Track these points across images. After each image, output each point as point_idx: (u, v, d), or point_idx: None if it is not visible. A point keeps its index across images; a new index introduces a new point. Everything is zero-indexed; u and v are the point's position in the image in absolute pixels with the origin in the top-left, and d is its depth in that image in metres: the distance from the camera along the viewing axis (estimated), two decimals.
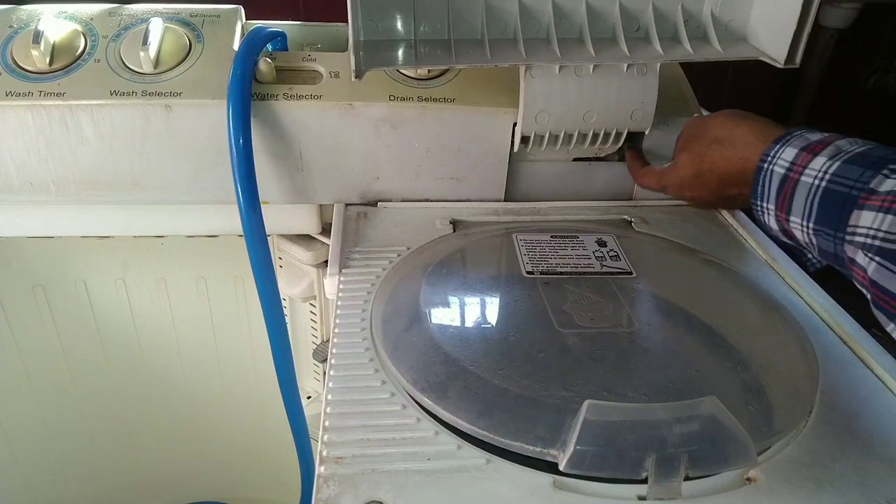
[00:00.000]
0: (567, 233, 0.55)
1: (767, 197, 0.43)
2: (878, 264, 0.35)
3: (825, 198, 0.39)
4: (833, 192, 0.38)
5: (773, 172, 0.42)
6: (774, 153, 0.42)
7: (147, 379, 0.86)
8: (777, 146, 0.43)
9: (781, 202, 0.42)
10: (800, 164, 0.40)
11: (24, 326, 0.79)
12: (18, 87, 0.54)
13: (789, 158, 0.41)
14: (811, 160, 0.40)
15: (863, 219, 0.36)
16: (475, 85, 0.58)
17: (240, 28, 0.60)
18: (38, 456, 0.88)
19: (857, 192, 0.37)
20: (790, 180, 0.41)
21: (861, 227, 0.36)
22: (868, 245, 0.35)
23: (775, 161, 0.42)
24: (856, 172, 0.37)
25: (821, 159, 0.39)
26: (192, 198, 0.59)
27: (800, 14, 0.51)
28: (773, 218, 0.43)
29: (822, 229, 0.39)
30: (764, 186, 0.43)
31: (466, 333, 0.44)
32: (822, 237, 0.39)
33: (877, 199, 0.36)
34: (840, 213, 0.37)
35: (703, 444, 0.34)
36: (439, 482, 0.34)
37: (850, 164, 0.38)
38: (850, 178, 0.37)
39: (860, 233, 0.36)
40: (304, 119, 0.56)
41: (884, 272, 0.35)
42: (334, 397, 0.39)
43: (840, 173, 0.38)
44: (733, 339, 0.45)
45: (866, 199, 0.36)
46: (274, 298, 0.57)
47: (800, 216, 0.40)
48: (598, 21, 0.55)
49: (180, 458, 0.94)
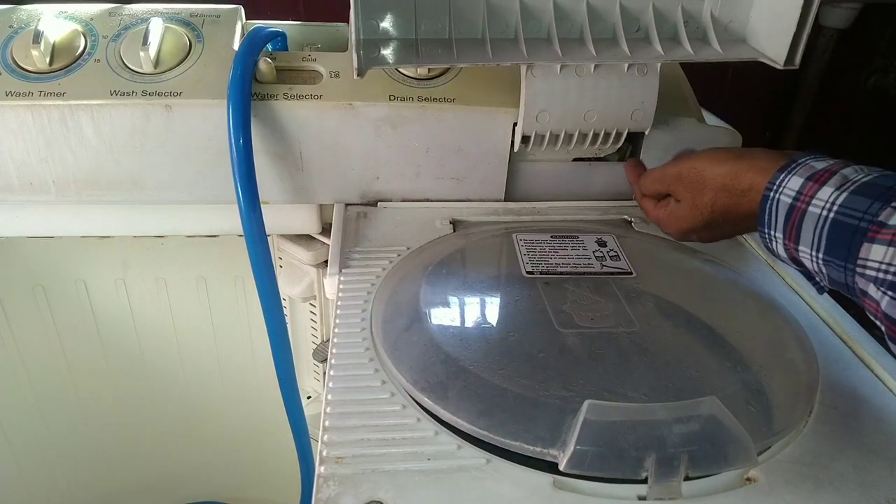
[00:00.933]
0: (567, 233, 0.56)
1: (775, 226, 0.42)
2: (892, 298, 0.35)
3: (834, 229, 0.38)
4: (842, 224, 0.38)
5: (780, 202, 0.42)
6: (780, 182, 0.42)
7: (147, 379, 0.86)
8: (783, 175, 0.42)
9: (789, 232, 0.41)
10: (807, 194, 0.40)
11: (24, 326, 0.79)
12: (18, 87, 0.54)
13: (795, 188, 0.41)
14: (818, 190, 0.40)
15: (873, 252, 0.36)
16: (475, 85, 0.58)
17: (240, 28, 0.60)
18: (38, 455, 0.88)
19: (866, 224, 0.37)
20: (797, 210, 0.40)
21: (872, 261, 0.36)
22: (880, 280, 0.36)
23: (781, 190, 0.42)
24: (864, 204, 0.37)
25: (828, 189, 0.39)
26: (192, 198, 0.59)
27: (799, 15, 0.51)
28: (782, 246, 0.43)
29: (833, 260, 0.39)
30: (771, 215, 0.43)
31: (466, 333, 0.44)
32: (833, 267, 0.39)
33: (887, 232, 0.36)
34: (850, 246, 0.37)
35: (703, 444, 0.34)
36: (439, 482, 0.34)
37: (858, 196, 0.38)
38: (859, 209, 0.37)
39: (871, 266, 0.36)
40: (304, 119, 0.56)
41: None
42: (334, 397, 0.39)
43: (848, 204, 0.38)
44: (733, 339, 0.45)
45: (876, 232, 0.36)
46: (274, 298, 0.57)
47: (809, 246, 0.40)
48: (599, 21, 0.55)
49: (180, 458, 0.94)
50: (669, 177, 0.52)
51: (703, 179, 0.49)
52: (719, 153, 0.49)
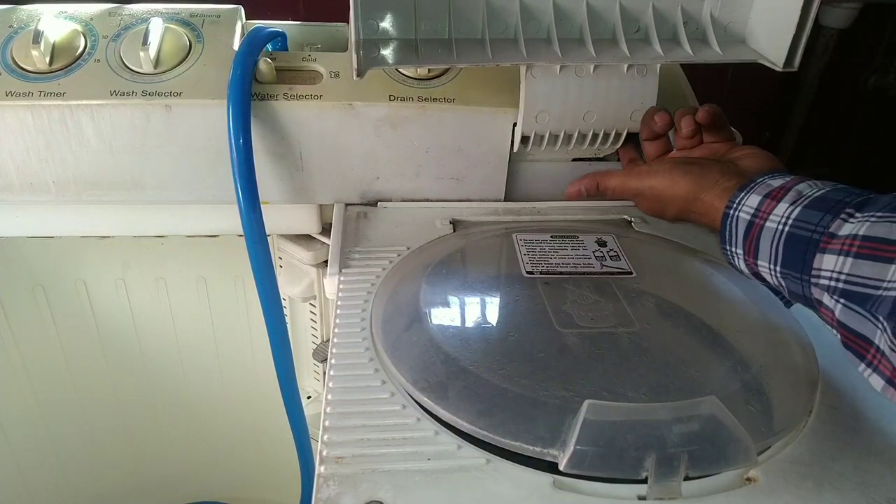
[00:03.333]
0: (567, 233, 0.56)
1: (735, 242, 0.44)
2: (844, 306, 0.36)
3: (789, 242, 0.40)
4: (796, 237, 0.40)
5: (739, 219, 0.44)
6: (739, 200, 0.44)
7: (147, 379, 0.86)
8: (742, 193, 0.44)
9: (748, 247, 0.43)
10: (764, 211, 0.42)
11: (24, 326, 0.79)
12: (18, 87, 0.54)
13: (753, 205, 0.43)
14: (775, 206, 0.41)
15: (825, 262, 0.37)
16: (475, 85, 0.58)
17: (240, 28, 0.60)
18: (38, 455, 0.88)
19: (818, 235, 0.38)
20: (755, 226, 0.42)
21: (825, 271, 0.37)
22: (833, 287, 0.37)
23: (740, 208, 0.44)
24: (816, 217, 0.39)
25: (783, 205, 0.41)
26: (192, 198, 0.59)
27: (799, 17, 0.51)
28: (743, 262, 0.45)
29: (789, 273, 0.40)
30: (731, 232, 0.45)
31: (466, 333, 0.44)
32: (790, 280, 0.41)
33: (837, 242, 0.37)
34: (804, 257, 0.39)
35: (703, 444, 0.34)
36: (439, 482, 0.34)
37: (810, 209, 0.40)
38: (812, 222, 0.39)
39: (824, 276, 0.37)
40: (304, 119, 0.56)
41: (849, 313, 0.36)
42: (334, 397, 0.39)
43: (801, 218, 0.40)
44: (733, 339, 0.45)
45: (827, 242, 0.38)
46: (274, 298, 0.57)
47: (767, 260, 0.42)
48: (599, 22, 0.55)
49: (180, 458, 0.94)
50: (630, 192, 0.56)
51: (663, 200, 0.53)
52: (675, 173, 0.51)
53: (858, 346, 0.36)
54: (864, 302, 0.35)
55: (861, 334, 0.36)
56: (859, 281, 0.35)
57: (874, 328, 0.35)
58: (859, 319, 0.36)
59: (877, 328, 0.34)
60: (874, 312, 0.34)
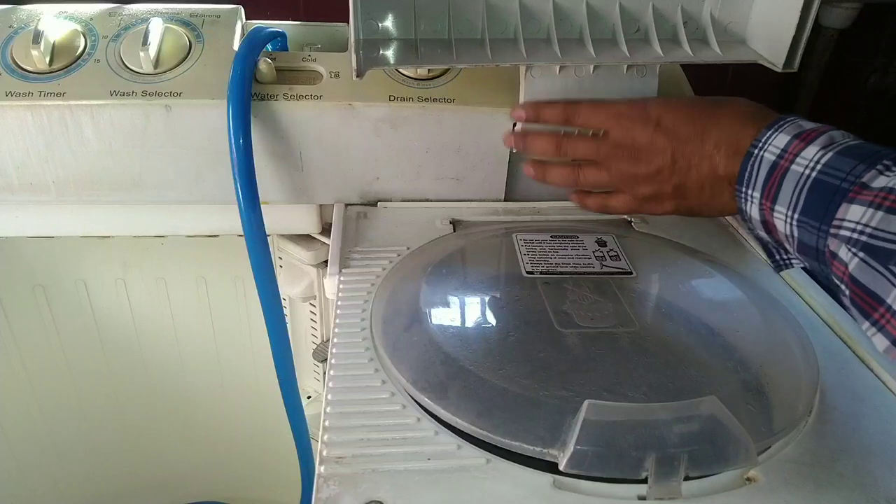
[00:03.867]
0: (567, 233, 0.56)
1: (754, 184, 0.41)
2: (861, 260, 0.34)
3: (814, 188, 0.37)
4: (823, 184, 0.37)
5: (763, 159, 0.40)
6: (766, 139, 0.41)
7: (147, 379, 0.86)
8: (769, 132, 0.41)
9: (768, 190, 0.40)
10: (791, 152, 0.39)
11: (24, 326, 0.79)
12: (18, 87, 0.54)
13: (781, 145, 0.40)
14: (803, 148, 0.38)
15: (851, 213, 0.35)
16: (475, 85, 0.58)
17: (240, 28, 0.60)
18: (38, 455, 0.88)
19: (848, 184, 0.36)
20: (780, 168, 0.39)
21: (848, 221, 0.35)
22: (854, 240, 0.34)
23: (766, 147, 0.41)
24: (849, 165, 0.36)
25: (813, 148, 0.38)
26: (192, 198, 0.59)
27: (798, 18, 0.51)
28: (757, 206, 0.41)
29: (807, 221, 0.38)
30: (752, 173, 0.41)
31: (466, 333, 0.44)
32: (805, 229, 0.38)
33: (869, 194, 0.35)
34: (828, 206, 0.36)
35: (703, 444, 0.34)
36: (439, 482, 0.34)
37: (843, 157, 0.37)
38: (843, 169, 0.36)
39: (847, 227, 0.35)
40: (304, 119, 0.56)
41: (866, 269, 0.34)
42: (334, 397, 0.39)
43: (833, 164, 0.37)
44: (733, 339, 0.45)
45: (858, 192, 0.35)
46: (274, 298, 0.57)
47: (785, 206, 0.39)
48: (599, 22, 0.55)
49: (180, 458, 0.94)
50: None
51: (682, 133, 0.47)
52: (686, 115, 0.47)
53: (867, 303, 0.34)
54: (888, 258, 0.33)
55: (873, 292, 0.34)
56: (886, 236, 0.33)
57: (891, 287, 0.33)
58: (875, 276, 0.33)
59: (894, 286, 0.32)
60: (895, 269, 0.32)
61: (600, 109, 0.51)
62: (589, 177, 0.53)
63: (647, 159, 0.48)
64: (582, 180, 0.54)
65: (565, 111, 0.52)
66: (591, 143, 0.51)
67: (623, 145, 0.49)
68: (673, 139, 0.46)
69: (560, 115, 0.53)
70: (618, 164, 0.50)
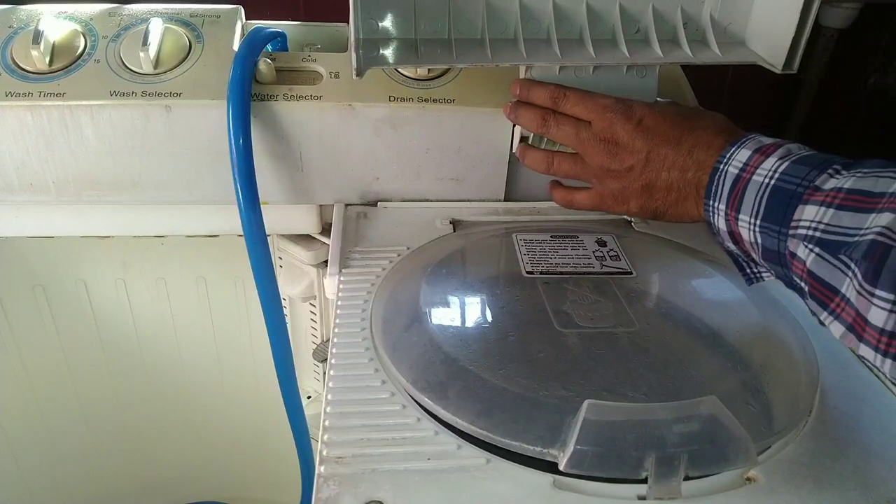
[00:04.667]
0: (567, 233, 0.56)
1: (720, 197, 0.44)
2: (817, 255, 0.37)
3: (773, 195, 0.40)
4: (781, 190, 0.40)
5: (728, 173, 0.44)
6: (730, 155, 0.44)
7: (147, 379, 0.86)
8: (733, 148, 0.44)
9: (732, 201, 0.43)
10: (752, 165, 0.42)
11: (24, 326, 0.79)
12: (18, 87, 0.54)
13: (743, 159, 0.43)
14: (763, 161, 0.42)
15: (806, 213, 0.38)
16: (475, 85, 0.58)
17: (240, 28, 0.60)
18: (38, 455, 0.88)
19: (803, 189, 0.39)
20: (742, 180, 0.42)
21: (804, 221, 0.38)
22: (809, 237, 0.37)
23: (730, 161, 0.44)
24: (803, 171, 0.39)
25: (772, 160, 0.41)
26: (192, 198, 0.59)
27: (798, 19, 0.51)
28: (723, 218, 0.44)
29: (769, 226, 0.40)
30: (718, 186, 0.44)
31: (466, 333, 0.44)
32: (767, 234, 0.41)
33: (821, 194, 0.38)
34: (786, 210, 0.39)
35: (703, 444, 0.34)
36: (439, 482, 0.34)
37: (798, 164, 0.40)
38: (798, 176, 0.39)
39: (803, 226, 0.38)
40: (304, 120, 0.56)
41: (821, 263, 0.36)
42: (334, 397, 0.39)
43: (789, 172, 0.40)
44: (733, 339, 0.45)
45: (811, 194, 0.38)
46: (274, 298, 0.57)
47: (748, 214, 0.42)
48: (599, 22, 0.55)
49: (180, 458, 0.94)
50: None
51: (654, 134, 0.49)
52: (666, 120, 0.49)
53: (824, 295, 0.37)
54: (839, 249, 0.36)
55: (829, 283, 0.36)
56: (837, 230, 0.36)
57: (843, 276, 0.35)
58: (830, 269, 0.36)
59: (846, 276, 0.35)
60: (847, 256, 0.35)
61: (588, 100, 0.52)
62: (562, 165, 0.55)
63: (622, 155, 0.50)
64: (555, 167, 0.55)
65: (554, 94, 0.54)
66: (572, 126, 0.53)
67: (602, 138, 0.51)
68: (651, 140, 0.49)
69: (549, 96, 0.54)
70: (593, 155, 0.52)
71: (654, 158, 0.48)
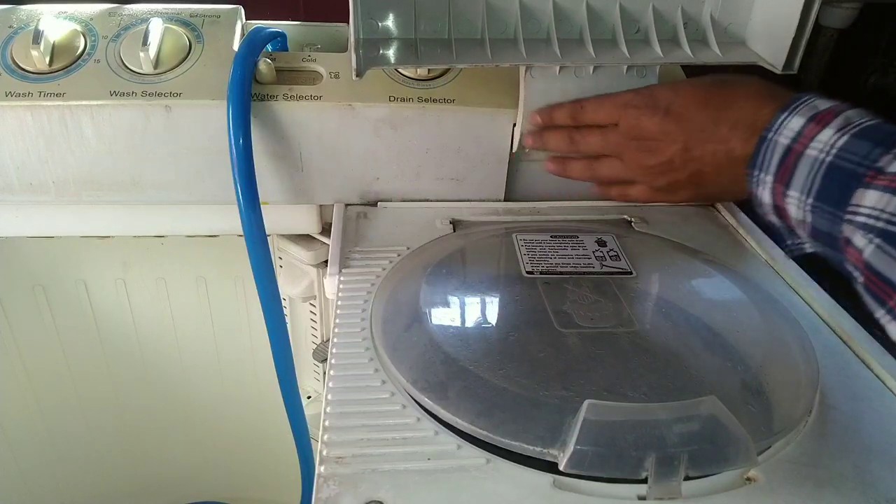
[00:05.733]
0: (567, 233, 0.56)
1: (767, 167, 0.41)
2: (877, 247, 0.34)
3: (829, 173, 0.37)
4: (839, 168, 0.36)
5: (777, 143, 0.40)
6: (781, 122, 0.40)
7: (147, 379, 0.86)
8: (784, 114, 0.40)
9: (782, 175, 0.39)
10: (806, 136, 0.38)
11: (24, 326, 0.79)
12: (18, 87, 0.54)
13: (795, 129, 0.39)
14: (819, 132, 0.38)
15: (867, 198, 0.34)
16: (475, 86, 0.58)
17: (240, 28, 0.60)
18: (38, 455, 0.88)
19: (864, 169, 0.35)
20: (794, 152, 0.39)
21: (864, 207, 0.35)
22: (870, 226, 0.34)
23: (780, 131, 0.40)
24: (865, 148, 0.36)
25: (828, 131, 0.38)
26: (192, 198, 0.59)
27: (799, 20, 0.51)
28: (769, 191, 0.41)
29: (822, 206, 0.37)
30: (765, 157, 0.41)
31: (466, 333, 0.44)
32: (820, 214, 0.38)
33: (884, 178, 0.34)
34: (844, 191, 0.36)
35: (703, 444, 0.34)
36: (439, 482, 0.34)
37: (859, 140, 0.36)
38: (858, 153, 0.36)
39: (862, 213, 0.35)
40: (304, 120, 0.56)
41: (882, 256, 0.33)
42: (334, 397, 0.39)
43: (849, 148, 0.36)
44: (733, 339, 0.45)
45: (874, 177, 0.35)
46: (274, 298, 0.57)
47: (799, 190, 0.38)
48: (599, 22, 0.55)
49: (180, 458, 0.94)
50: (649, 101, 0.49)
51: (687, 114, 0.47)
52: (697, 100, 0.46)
53: (883, 291, 0.34)
54: None
55: (889, 279, 0.33)
56: None
57: None
58: (891, 263, 0.33)
59: None
60: None
61: (605, 102, 0.50)
62: (604, 170, 0.53)
63: (657, 149, 0.47)
64: (598, 174, 0.53)
65: (571, 109, 0.52)
66: (599, 136, 0.50)
67: (632, 136, 0.48)
68: (684, 126, 0.45)
69: (567, 114, 0.52)
70: (629, 155, 0.49)
71: (693, 145, 0.45)
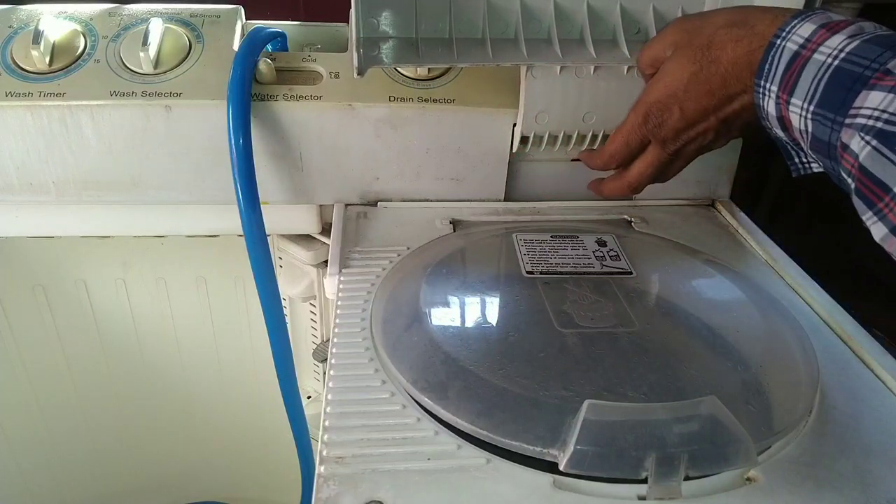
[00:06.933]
0: (567, 233, 0.56)
1: (773, 77, 0.39)
2: (873, 149, 0.32)
3: (834, 77, 0.35)
4: (844, 72, 0.34)
5: (785, 49, 0.38)
6: (791, 28, 0.38)
7: (147, 379, 0.86)
8: (795, 21, 0.38)
9: (786, 82, 0.37)
10: (815, 42, 0.36)
11: (24, 326, 0.79)
12: (18, 87, 0.54)
13: (805, 34, 0.37)
14: (829, 38, 0.36)
15: (870, 99, 0.33)
16: (475, 85, 0.58)
17: (240, 28, 0.60)
18: (38, 455, 0.88)
19: (871, 72, 0.33)
20: (801, 58, 0.37)
21: (866, 108, 0.33)
22: (868, 127, 0.32)
23: (789, 37, 0.38)
24: (875, 52, 0.34)
25: (839, 37, 0.36)
26: (192, 198, 0.59)
27: None
28: (773, 101, 0.39)
29: (822, 113, 0.35)
30: (772, 64, 0.39)
31: (466, 333, 0.44)
32: (819, 122, 0.36)
33: (891, 79, 0.32)
34: (846, 95, 0.34)
35: (703, 444, 0.34)
36: (439, 482, 0.34)
37: (871, 44, 0.34)
38: (868, 57, 0.34)
39: (863, 114, 0.33)
40: (304, 120, 0.56)
41: (877, 157, 0.32)
42: (334, 397, 0.39)
43: (857, 52, 0.34)
44: (733, 339, 0.45)
45: (880, 79, 0.33)
46: (274, 298, 0.57)
47: (801, 98, 0.37)
48: (599, 22, 0.55)
49: (180, 458, 0.94)
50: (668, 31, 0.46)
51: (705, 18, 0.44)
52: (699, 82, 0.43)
53: (873, 193, 0.32)
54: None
55: (880, 181, 0.32)
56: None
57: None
58: (885, 164, 0.32)
59: None
60: None
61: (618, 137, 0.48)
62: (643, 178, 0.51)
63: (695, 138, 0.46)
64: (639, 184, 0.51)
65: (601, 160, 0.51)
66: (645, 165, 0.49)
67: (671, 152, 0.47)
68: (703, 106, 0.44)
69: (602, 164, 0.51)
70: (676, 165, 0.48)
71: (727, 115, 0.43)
